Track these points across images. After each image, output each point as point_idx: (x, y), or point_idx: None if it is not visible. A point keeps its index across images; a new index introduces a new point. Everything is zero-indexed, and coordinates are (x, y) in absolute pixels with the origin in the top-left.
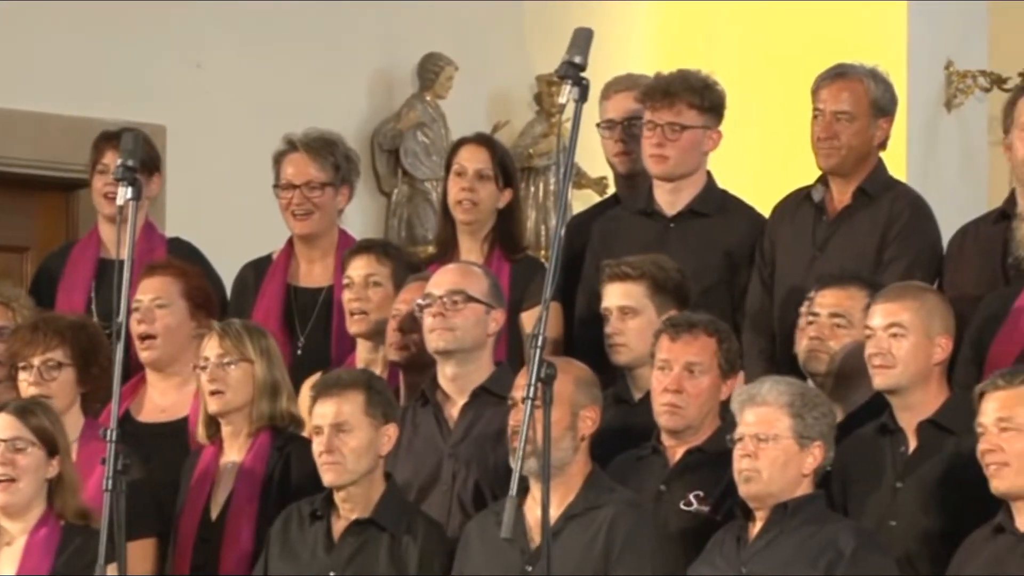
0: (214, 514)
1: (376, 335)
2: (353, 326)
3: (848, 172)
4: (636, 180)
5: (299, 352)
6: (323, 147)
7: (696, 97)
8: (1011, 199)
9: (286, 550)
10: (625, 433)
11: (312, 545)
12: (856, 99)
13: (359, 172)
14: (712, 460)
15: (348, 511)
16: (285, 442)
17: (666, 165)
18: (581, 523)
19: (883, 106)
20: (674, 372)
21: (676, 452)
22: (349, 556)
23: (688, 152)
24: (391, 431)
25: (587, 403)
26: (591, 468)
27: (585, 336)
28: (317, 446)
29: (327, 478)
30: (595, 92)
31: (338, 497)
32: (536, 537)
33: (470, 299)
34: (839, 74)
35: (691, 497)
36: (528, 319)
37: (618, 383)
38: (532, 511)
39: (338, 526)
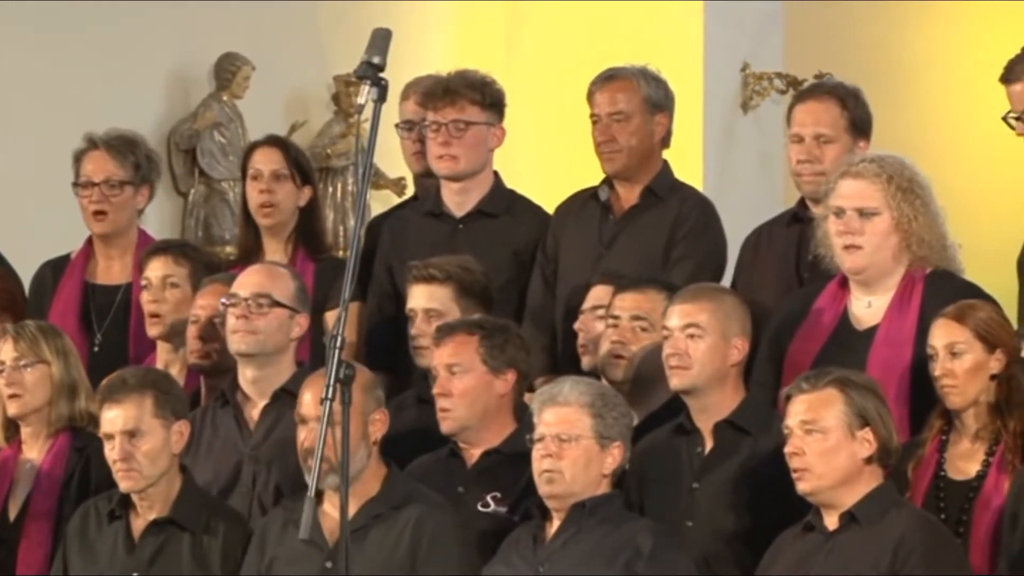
0: (12, 515)
1: (174, 336)
2: (151, 329)
3: (633, 174)
4: (434, 179)
5: (96, 350)
6: (123, 146)
7: (477, 94)
8: (803, 202)
9: (85, 548)
10: (427, 434)
11: (112, 545)
12: (629, 98)
13: (160, 173)
14: (509, 461)
15: (146, 510)
16: (85, 443)
17: (455, 164)
18: (384, 522)
19: (657, 102)
20: (440, 376)
21: (473, 455)
22: (151, 556)
23: (474, 149)
24: (183, 428)
25: (374, 407)
26: (388, 469)
27: (377, 337)
28: (110, 453)
29: (124, 485)
30: (394, 92)
31: (135, 497)
32: (337, 536)
33: (275, 304)
34: (610, 77)
35: (489, 498)
36: (332, 319)
37: (419, 384)
38: (330, 515)
39: (137, 525)
